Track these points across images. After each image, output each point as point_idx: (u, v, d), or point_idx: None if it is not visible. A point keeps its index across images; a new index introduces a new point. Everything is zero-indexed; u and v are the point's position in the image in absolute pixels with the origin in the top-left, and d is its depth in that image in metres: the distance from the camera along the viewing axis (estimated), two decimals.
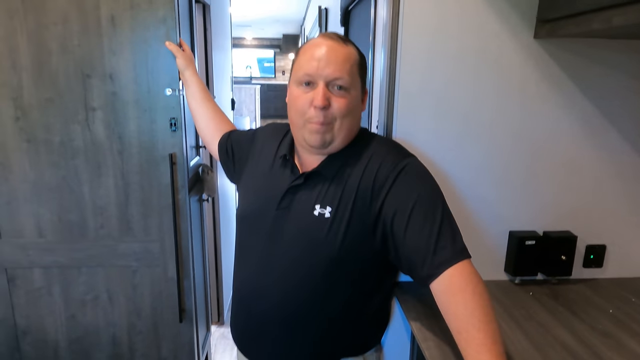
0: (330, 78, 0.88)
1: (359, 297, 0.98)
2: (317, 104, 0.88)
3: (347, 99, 0.90)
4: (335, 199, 0.91)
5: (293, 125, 0.97)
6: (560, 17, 0.97)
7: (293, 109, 0.94)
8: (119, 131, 1.49)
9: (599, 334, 0.95)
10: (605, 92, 1.11)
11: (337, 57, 0.89)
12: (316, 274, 0.92)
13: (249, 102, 7.13)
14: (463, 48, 1.08)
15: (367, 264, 0.95)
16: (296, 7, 6.51)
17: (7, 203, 1.51)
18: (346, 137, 0.94)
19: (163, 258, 1.61)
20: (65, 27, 1.40)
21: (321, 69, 0.88)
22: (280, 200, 0.96)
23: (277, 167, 1.02)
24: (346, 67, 0.89)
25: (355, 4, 1.83)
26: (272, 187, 0.99)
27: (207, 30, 2.19)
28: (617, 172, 1.16)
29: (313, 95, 0.89)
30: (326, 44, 0.90)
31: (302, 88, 0.92)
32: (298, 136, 0.96)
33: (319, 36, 0.95)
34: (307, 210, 0.92)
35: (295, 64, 0.95)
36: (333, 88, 0.89)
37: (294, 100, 0.93)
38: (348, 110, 0.91)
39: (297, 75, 0.92)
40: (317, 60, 0.89)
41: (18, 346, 1.65)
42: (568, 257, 1.15)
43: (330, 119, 0.90)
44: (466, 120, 1.12)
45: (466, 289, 0.76)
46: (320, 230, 0.90)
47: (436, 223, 0.82)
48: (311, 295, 0.93)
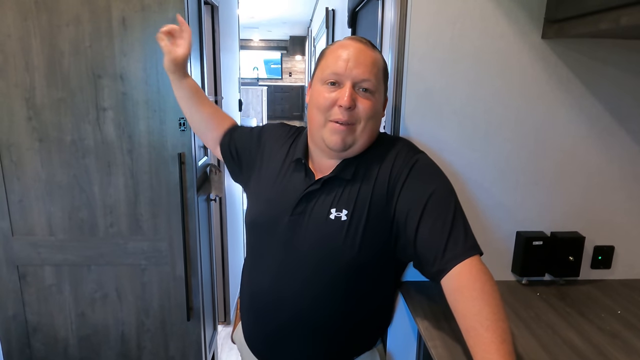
0: (358, 79, 0.88)
1: (376, 293, 0.99)
2: (343, 104, 0.87)
3: (372, 102, 0.90)
4: (350, 202, 0.90)
5: (313, 124, 0.94)
6: (568, 17, 0.97)
7: (315, 107, 0.92)
8: (129, 131, 1.51)
9: (606, 334, 0.94)
10: (615, 92, 1.11)
11: (366, 59, 0.89)
12: (338, 280, 0.91)
13: (256, 103, 7.17)
14: (471, 49, 1.08)
15: (385, 261, 0.95)
16: (303, 8, 6.54)
17: (19, 201, 1.54)
18: (367, 141, 0.93)
19: (171, 257, 1.62)
20: (77, 29, 1.43)
21: (350, 69, 0.88)
22: (295, 206, 0.93)
23: (289, 171, 0.99)
24: (374, 71, 0.90)
25: (362, 5, 1.84)
26: (285, 192, 0.96)
27: (215, 31, 2.21)
28: (626, 172, 1.16)
29: (338, 95, 0.88)
30: (355, 45, 0.91)
31: (327, 87, 0.90)
32: (317, 137, 0.94)
33: (347, 38, 0.95)
34: (323, 215, 0.91)
35: (321, 63, 0.94)
36: (359, 90, 0.89)
37: (317, 97, 0.91)
38: (373, 112, 0.90)
39: (324, 74, 0.91)
40: (345, 61, 0.88)
41: (28, 342, 1.68)
42: (576, 258, 1.15)
43: (354, 120, 0.89)
44: (474, 121, 1.12)
45: (474, 286, 0.75)
46: (337, 234, 0.89)
47: (448, 219, 0.82)
48: (335, 301, 0.93)
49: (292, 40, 10.30)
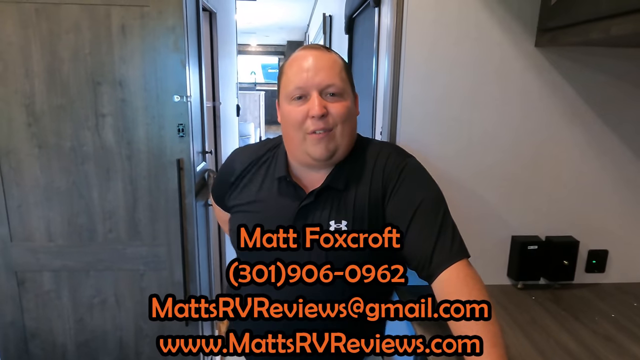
0: (322, 86, 0.87)
1: (386, 291, 1.01)
2: (314, 114, 0.85)
3: (342, 104, 0.89)
4: (349, 211, 0.90)
5: (292, 143, 0.92)
6: (560, 26, 0.99)
7: (289, 125, 0.90)
8: (128, 137, 1.52)
9: (601, 338, 0.96)
10: (607, 99, 1.13)
11: (325, 64, 0.88)
12: (353, 294, 0.90)
13: (254, 108, 7.19)
14: (466, 56, 1.10)
15: (391, 261, 0.95)
16: (301, 14, 6.57)
17: (18, 207, 1.54)
18: (349, 143, 0.93)
19: (170, 262, 1.63)
20: (77, 36, 1.44)
21: (311, 78, 0.86)
22: (293, 224, 0.91)
23: (274, 192, 0.95)
24: (336, 73, 0.88)
25: (359, 12, 1.86)
26: (277, 213, 0.92)
27: (214, 37, 2.23)
28: (619, 177, 1.18)
29: (308, 107, 0.86)
30: (311, 54, 0.89)
31: (294, 103, 0.88)
32: (298, 153, 0.91)
33: (301, 49, 0.93)
34: (323, 229, 0.90)
35: (283, 80, 0.91)
36: (326, 96, 0.88)
37: (288, 115, 0.89)
38: (347, 114, 0.89)
39: (287, 90, 0.89)
40: (305, 71, 0.86)
41: (27, 348, 1.68)
42: (570, 262, 1.16)
43: (332, 125, 0.88)
44: (469, 127, 1.14)
45: (462, 292, 0.76)
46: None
47: (436, 226, 0.83)
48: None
49: (290, 45, 10.34)
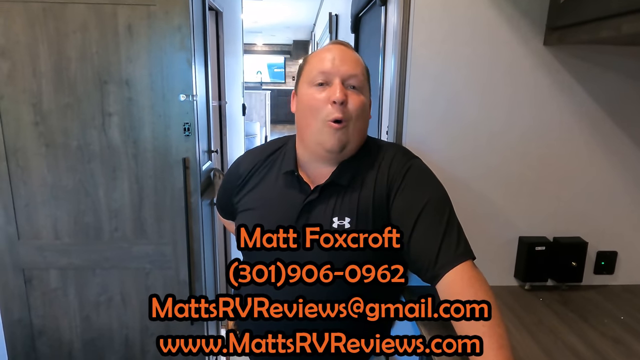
0: (346, 75, 0.88)
1: (392, 291, 1.00)
2: (336, 99, 0.86)
3: (361, 98, 0.90)
4: (352, 209, 0.89)
5: (307, 130, 0.92)
6: (569, 24, 0.98)
7: (307, 110, 0.90)
8: (134, 136, 1.53)
9: (609, 340, 0.94)
10: (616, 97, 1.12)
11: (351, 58, 0.91)
12: (355, 294, 0.89)
13: (259, 107, 7.19)
14: (473, 55, 1.09)
15: (391, 261, 0.94)
16: (307, 13, 6.58)
17: (25, 205, 1.56)
18: (358, 140, 0.93)
19: (175, 260, 1.63)
20: (84, 35, 1.45)
21: (337, 66, 0.88)
22: (296, 220, 0.91)
23: (280, 187, 0.96)
24: (359, 69, 0.91)
25: (365, 10, 1.85)
26: (281, 209, 0.93)
27: (220, 36, 2.23)
28: (629, 177, 1.16)
29: (329, 93, 0.88)
30: (337, 47, 0.92)
31: (315, 88, 0.89)
32: (312, 143, 0.91)
33: (329, 43, 0.96)
34: (326, 224, 0.90)
35: (306, 68, 0.94)
36: (347, 87, 0.89)
37: (308, 100, 0.90)
38: (362, 110, 0.90)
39: (310, 75, 0.91)
40: (331, 60, 0.89)
41: (34, 346, 1.69)
42: (579, 263, 1.15)
43: (347, 117, 0.88)
44: (476, 126, 1.13)
45: (467, 293, 0.75)
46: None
47: (441, 227, 0.82)
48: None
49: (296, 45, 10.35)
